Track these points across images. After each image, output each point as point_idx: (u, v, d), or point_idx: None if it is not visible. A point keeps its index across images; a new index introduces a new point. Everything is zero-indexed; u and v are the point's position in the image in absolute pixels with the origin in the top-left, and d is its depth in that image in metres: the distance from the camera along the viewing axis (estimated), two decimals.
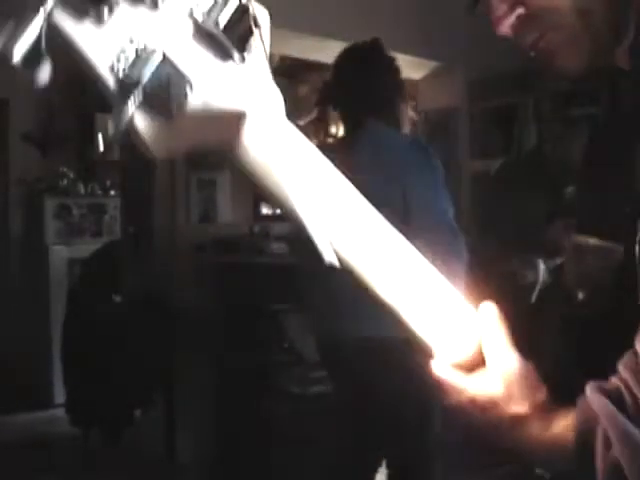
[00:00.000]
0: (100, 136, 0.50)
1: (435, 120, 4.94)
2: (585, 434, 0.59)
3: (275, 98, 0.55)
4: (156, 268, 3.68)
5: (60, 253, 4.30)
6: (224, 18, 0.51)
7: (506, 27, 0.67)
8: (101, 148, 0.50)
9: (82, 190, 4.45)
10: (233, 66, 0.52)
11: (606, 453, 0.56)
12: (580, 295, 0.73)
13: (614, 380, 0.59)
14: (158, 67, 0.49)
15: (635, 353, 0.58)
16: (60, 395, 3.74)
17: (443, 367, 0.66)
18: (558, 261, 2.69)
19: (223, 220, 4.97)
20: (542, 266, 2.60)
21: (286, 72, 7.27)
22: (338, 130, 2.17)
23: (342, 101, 2.05)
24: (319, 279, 1.93)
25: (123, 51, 0.49)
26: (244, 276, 3.97)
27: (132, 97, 0.48)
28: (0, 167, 4.42)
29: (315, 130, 7.41)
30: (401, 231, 0.64)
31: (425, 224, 1.79)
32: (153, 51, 0.49)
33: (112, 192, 4.52)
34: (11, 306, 4.33)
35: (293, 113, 7.68)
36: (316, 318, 2.10)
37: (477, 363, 0.65)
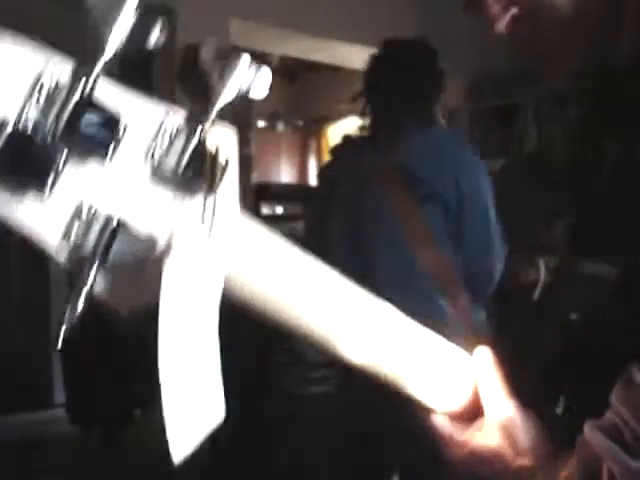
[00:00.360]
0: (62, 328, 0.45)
1: None
2: (590, 476, 0.57)
3: (242, 227, 0.51)
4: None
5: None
6: (184, 159, 0.45)
7: (501, 26, 0.67)
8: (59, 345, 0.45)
9: None
10: (198, 201, 0.47)
11: None
12: (573, 316, 0.72)
13: (609, 415, 0.57)
14: (114, 232, 0.44)
15: (629, 382, 0.56)
16: (60, 395, 3.74)
17: (442, 421, 0.64)
18: (559, 260, 2.69)
19: None
20: (543, 265, 2.60)
21: (286, 72, 7.27)
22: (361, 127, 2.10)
23: (384, 98, 2.01)
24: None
25: (73, 222, 0.43)
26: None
27: (88, 270, 0.44)
28: None
29: (326, 129, 7.42)
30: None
31: (474, 227, 1.82)
32: (107, 216, 0.44)
33: None
34: (11, 306, 4.33)
35: (293, 113, 7.67)
36: None
37: (475, 412, 0.63)
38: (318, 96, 7.27)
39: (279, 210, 5.55)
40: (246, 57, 0.47)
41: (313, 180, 7.55)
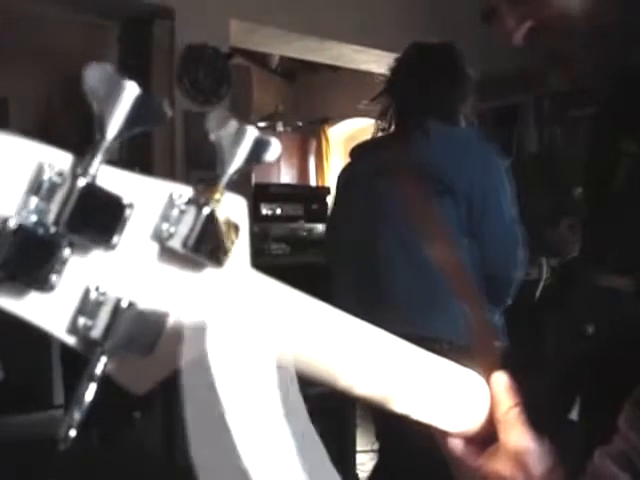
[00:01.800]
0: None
1: None
2: None
3: (258, 302, 0.50)
4: None
5: None
6: (194, 234, 0.44)
7: (518, 39, 0.66)
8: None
9: None
10: (209, 275, 0.47)
11: None
12: (590, 330, 0.71)
13: (618, 440, 0.56)
14: (124, 314, 0.43)
15: (637, 404, 0.55)
16: (60, 396, 3.75)
17: (456, 444, 0.63)
18: (560, 260, 2.70)
19: None
20: (546, 264, 2.61)
21: (286, 72, 7.27)
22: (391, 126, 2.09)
23: (407, 98, 2.02)
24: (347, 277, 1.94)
25: (81, 308, 0.43)
26: None
27: (99, 354, 0.43)
28: None
29: (326, 129, 7.42)
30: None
31: (494, 227, 1.82)
32: (116, 299, 0.43)
33: None
34: None
35: (293, 113, 7.67)
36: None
37: (491, 435, 0.62)
38: (318, 96, 7.27)
39: (279, 211, 5.55)
40: (252, 130, 0.46)
41: (313, 181, 7.55)
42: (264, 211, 5.35)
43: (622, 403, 0.57)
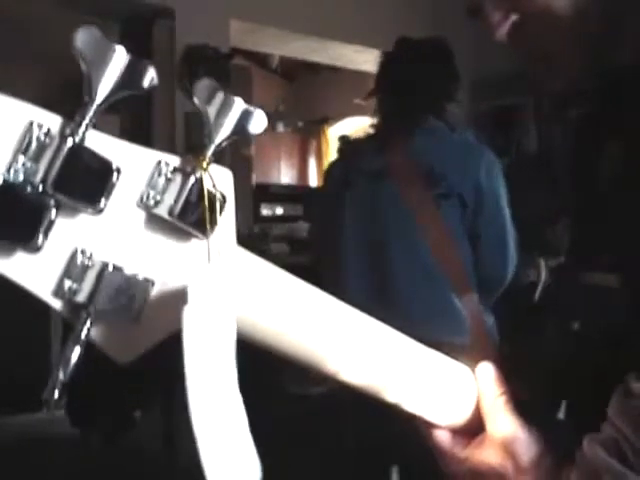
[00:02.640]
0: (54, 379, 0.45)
1: None
2: None
3: (236, 278, 0.49)
4: None
5: None
6: (180, 201, 0.44)
7: (502, 34, 0.66)
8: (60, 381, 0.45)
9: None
10: (195, 246, 0.47)
11: None
12: (575, 326, 0.71)
13: (608, 428, 0.56)
14: (109, 279, 0.43)
15: (626, 394, 0.55)
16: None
17: (444, 436, 0.64)
18: (560, 261, 2.69)
19: None
20: (544, 266, 2.60)
21: (286, 72, 7.27)
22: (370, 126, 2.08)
23: (400, 97, 2.01)
24: (334, 279, 1.94)
25: (67, 271, 0.43)
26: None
27: (85, 319, 0.44)
28: None
29: (326, 129, 7.42)
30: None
31: (488, 228, 1.82)
32: (102, 263, 0.43)
33: None
34: (11, 306, 4.33)
35: (293, 113, 7.67)
36: None
37: (478, 427, 0.63)
38: (318, 96, 7.27)
39: (279, 211, 5.55)
40: (240, 101, 0.47)
41: (313, 181, 7.55)
42: (264, 211, 5.35)
43: (607, 400, 0.57)
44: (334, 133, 7.46)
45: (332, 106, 7.16)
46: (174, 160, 0.45)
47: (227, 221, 0.48)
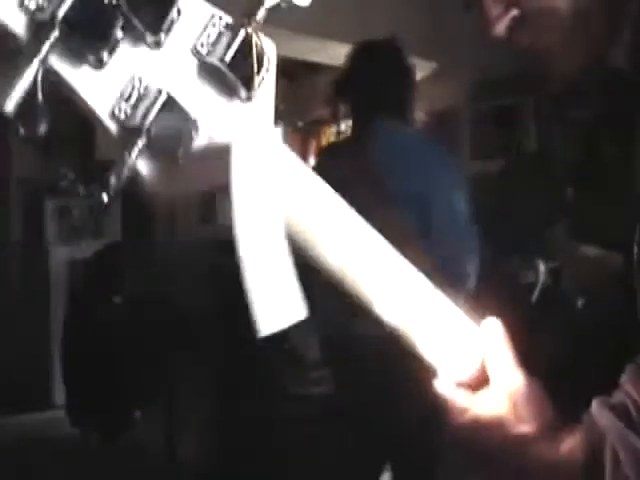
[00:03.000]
0: (104, 185, 0.49)
1: (435, 121, 4.94)
2: (594, 452, 0.57)
3: (274, 136, 0.52)
4: (156, 269, 3.68)
5: (60, 254, 4.30)
6: (230, 53, 0.48)
7: (500, 29, 0.66)
8: (105, 199, 0.50)
9: (82, 191, 4.44)
10: (238, 104, 0.50)
11: (616, 470, 0.55)
12: (579, 303, 0.72)
13: (618, 395, 0.58)
14: (162, 109, 0.46)
15: (638, 365, 0.57)
16: (60, 396, 3.74)
17: (447, 385, 0.64)
18: (558, 262, 2.69)
19: (223, 221, 4.97)
20: (542, 267, 2.60)
21: (286, 73, 7.26)
22: (348, 129, 2.13)
23: (355, 99, 2.04)
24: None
25: (124, 94, 0.46)
26: (244, 277, 3.96)
27: (136, 142, 0.46)
28: (0, 167, 4.42)
29: (325, 129, 7.42)
30: (415, 234, 0.64)
31: (444, 227, 1.81)
32: (156, 92, 0.46)
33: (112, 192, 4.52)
34: (11, 306, 4.33)
35: (293, 114, 7.67)
36: (325, 315, 2.10)
37: (482, 382, 0.64)
38: (318, 97, 7.27)
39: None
40: None
41: None
42: None
43: (613, 378, 0.59)
44: (334, 133, 7.45)
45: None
46: (227, 17, 0.50)
47: (267, 90, 0.51)
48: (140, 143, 0.46)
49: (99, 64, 0.44)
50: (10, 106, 0.44)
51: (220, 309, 4.07)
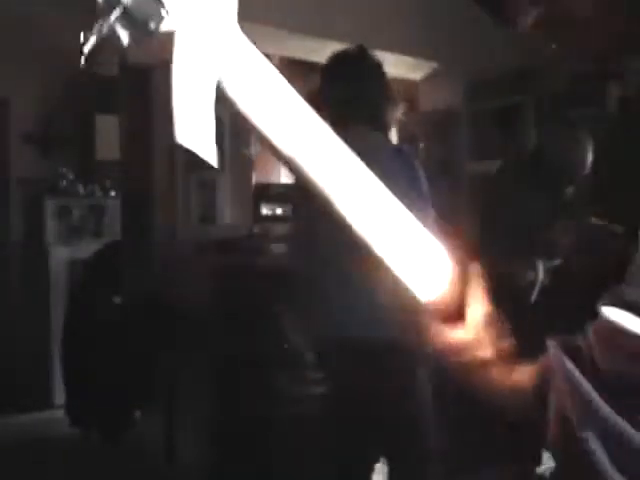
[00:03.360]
0: (85, 47, 0.57)
1: (434, 121, 4.94)
2: (541, 385, 0.63)
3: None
4: (156, 269, 3.68)
5: (60, 254, 4.30)
6: None
7: (525, 24, 0.69)
8: (82, 62, 0.57)
9: (82, 191, 4.45)
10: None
11: (558, 405, 0.60)
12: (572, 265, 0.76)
13: (579, 339, 0.62)
14: None
15: (608, 320, 0.59)
16: (60, 396, 3.75)
17: (430, 315, 0.70)
18: (557, 262, 2.70)
19: (223, 221, 4.97)
20: (541, 267, 2.60)
21: (285, 73, 7.27)
22: None
23: (328, 106, 2.05)
24: (318, 279, 1.93)
25: None
26: (244, 277, 3.97)
27: (114, 11, 0.55)
28: (0, 167, 4.43)
29: None
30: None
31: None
32: None
33: (112, 192, 4.52)
34: (11, 306, 4.34)
35: None
36: (315, 317, 2.10)
37: (454, 307, 0.69)
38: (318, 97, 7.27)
39: (279, 211, 5.55)
40: None
41: None
42: (264, 211, 5.34)
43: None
44: None
45: None
46: None
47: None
48: (117, 11, 0.55)
49: None
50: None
51: (220, 309, 4.07)
